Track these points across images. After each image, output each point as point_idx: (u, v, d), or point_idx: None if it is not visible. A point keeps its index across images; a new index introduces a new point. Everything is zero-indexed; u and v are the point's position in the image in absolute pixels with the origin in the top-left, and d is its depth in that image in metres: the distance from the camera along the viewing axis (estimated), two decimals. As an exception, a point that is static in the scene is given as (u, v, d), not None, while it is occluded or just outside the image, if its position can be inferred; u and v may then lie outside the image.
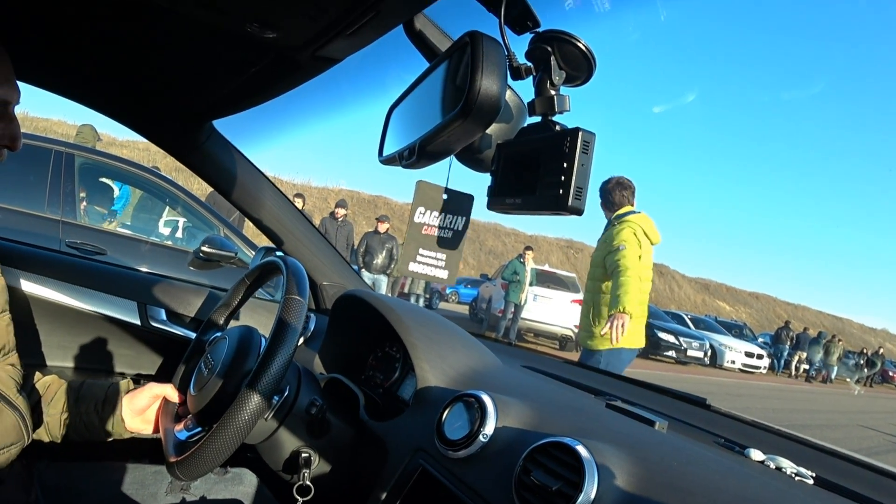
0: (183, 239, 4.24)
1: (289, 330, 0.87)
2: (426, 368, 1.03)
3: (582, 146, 0.51)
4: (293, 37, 0.67)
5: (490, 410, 0.84)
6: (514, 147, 0.62)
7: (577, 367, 1.54)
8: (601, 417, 0.93)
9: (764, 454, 0.96)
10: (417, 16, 0.63)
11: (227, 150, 1.33)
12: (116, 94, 1.14)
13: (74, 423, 1.08)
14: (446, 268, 0.78)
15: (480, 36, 0.53)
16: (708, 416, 1.22)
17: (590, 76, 0.58)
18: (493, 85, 0.51)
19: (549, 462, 0.72)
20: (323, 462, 1.02)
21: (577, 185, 0.51)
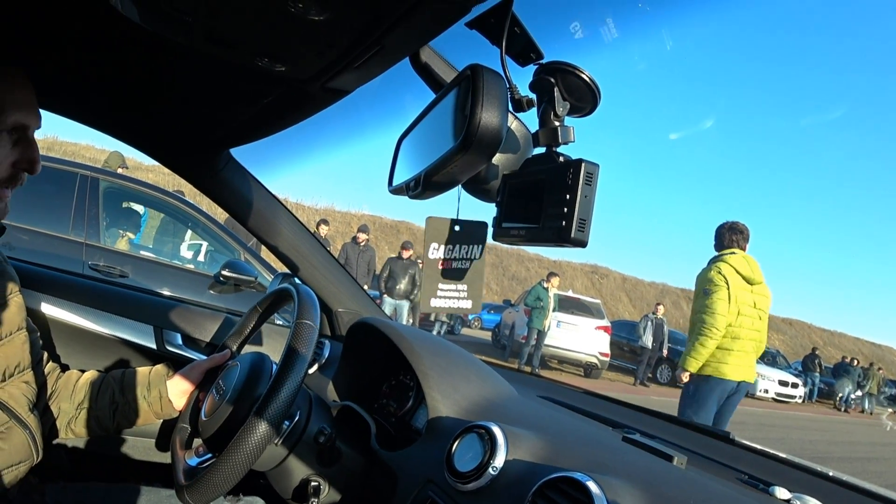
0: (205, 263, 4.31)
1: (298, 356, 0.86)
2: (437, 398, 1.01)
3: (585, 178, 0.51)
4: (302, 70, 0.68)
5: (500, 442, 0.82)
6: (518, 178, 0.61)
7: (595, 398, 1.50)
8: (616, 451, 0.90)
9: (790, 492, 0.92)
10: (423, 49, 0.64)
11: (244, 178, 1.36)
12: (135, 124, 1.17)
13: (124, 412, 1.13)
14: (469, 297, 0.77)
15: (481, 69, 0.53)
16: (732, 450, 1.18)
17: (595, 107, 0.58)
18: (493, 117, 0.50)
19: (558, 497, 0.69)
20: (333, 491, 1.01)
21: (580, 217, 0.50)
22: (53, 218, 3.33)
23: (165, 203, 3.96)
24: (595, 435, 0.99)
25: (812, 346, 26.01)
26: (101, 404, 1.13)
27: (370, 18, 0.52)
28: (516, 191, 0.61)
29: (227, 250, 4.06)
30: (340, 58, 0.62)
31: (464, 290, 0.75)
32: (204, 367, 1.17)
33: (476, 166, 0.56)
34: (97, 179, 3.58)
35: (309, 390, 1.12)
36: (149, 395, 1.14)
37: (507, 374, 1.53)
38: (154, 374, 1.17)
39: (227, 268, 3.31)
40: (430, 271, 0.73)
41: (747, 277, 3.38)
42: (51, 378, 1.13)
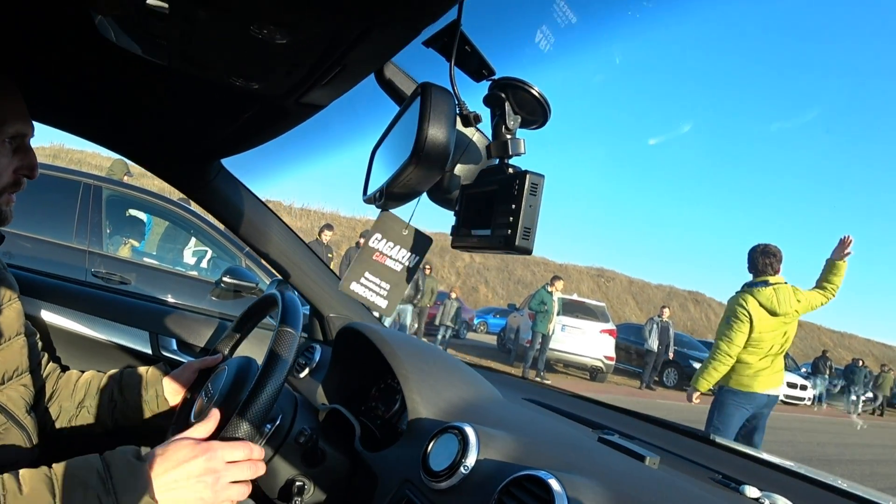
0: (208, 269, 4.36)
1: (279, 361, 0.89)
2: (417, 400, 1.04)
3: (530, 188, 0.54)
4: (274, 87, 0.71)
5: (472, 442, 0.85)
6: (474, 188, 0.64)
7: (582, 401, 1.52)
8: (589, 451, 0.93)
9: (760, 491, 0.94)
10: (387, 65, 0.67)
11: (235, 188, 1.39)
12: (127, 136, 1.21)
13: (122, 409, 1.17)
14: (387, 298, 0.79)
15: (430, 87, 0.56)
16: (711, 450, 1.20)
17: (546, 119, 0.60)
18: (439, 133, 0.53)
19: (522, 495, 0.72)
20: (318, 491, 1.04)
21: (524, 226, 0.53)
22: (57, 226, 3.40)
23: (169, 211, 4.02)
24: (571, 436, 1.01)
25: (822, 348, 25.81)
26: (100, 402, 1.17)
27: (328, 41, 0.55)
28: (472, 200, 0.63)
29: (229, 256, 4.11)
30: (308, 76, 0.65)
31: (386, 287, 0.78)
32: (195, 367, 1.20)
33: (429, 178, 0.59)
34: (100, 188, 3.64)
35: (296, 393, 1.15)
36: (146, 394, 1.17)
37: (495, 378, 1.55)
38: (151, 374, 1.20)
39: (227, 274, 3.35)
40: (364, 256, 0.76)
41: (772, 310, 3.53)
42: (51, 379, 1.17)
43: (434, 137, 0.53)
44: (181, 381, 1.19)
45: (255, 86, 0.71)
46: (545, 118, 0.60)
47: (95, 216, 3.53)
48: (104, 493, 0.68)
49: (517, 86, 0.58)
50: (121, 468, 0.71)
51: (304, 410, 1.09)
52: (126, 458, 0.73)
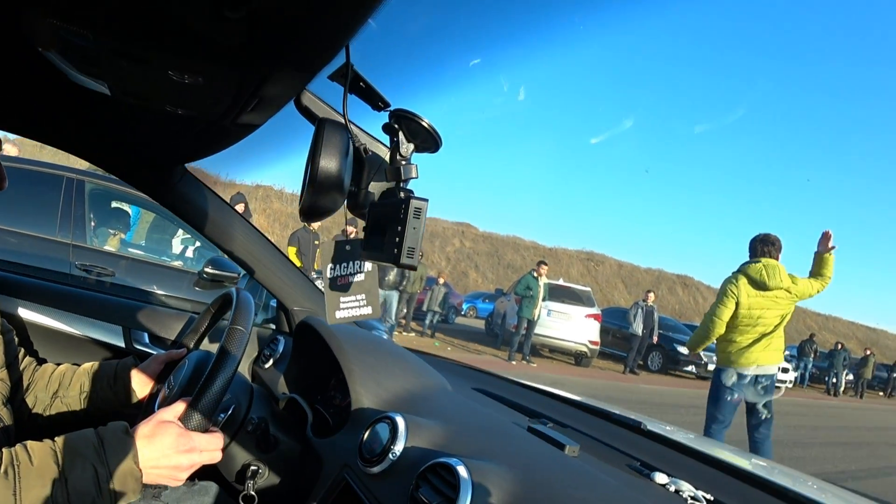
0: (193, 260, 4.41)
1: (228, 357, 0.96)
2: (361, 392, 1.13)
3: (413, 212, 0.62)
4: (208, 114, 0.79)
5: (401, 431, 0.94)
6: (377, 208, 0.73)
7: (529, 391, 1.62)
8: (513, 439, 1.02)
9: (668, 477, 1.03)
10: (303, 93, 0.74)
11: (199, 190, 1.46)
12: (93, 145, 1.28)
13: (93, 400, 1.24)
14: (368, 304, 0.88)
15: (325, 122, 0.64)
16: (638, 439, 1.29)
17: (438, 146, 0.69)
18: (331, 164, 0.62)
19: (435, 480, 0.81)
20: (272, 474, 1.13)
21: (409, 246, 0.61)
22: (40, 221, 3.44)
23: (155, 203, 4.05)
24: (501, 424, 1.10)
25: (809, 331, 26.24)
26: (71, 393, 1.24)
27: (238, 82, 0.63)
28: (376, 218, 0.72)
29: (213, 247, 4.17)
30: (233, 106, 0.73)
31: (362, 298, 0.86)
32: (161, 359, 1.28)
33: (331, 203, 0.67)
34: (83, 182, 3.67)
35: (252, 384, 1.23)
36: (115, 385, 1.25)
37: (449, 368, 1.65)
38: (120, 366, 1.28)
39: (210, 265, 3.42)
40: (330, 287, 0.84)
41: (761, 283, 3.71)
42: (28, 371, 1.25)
43: (326, 167, 0.62)
44: (148, 373, 1.26)
45: (191, 112, 0.79)
46: (436, 146, 0.69)
47: (79, 210, 3.57)
48: (98, 462, 0.78)
49: (409, 118, 0.66)
50: (113, 441, 0.81)
51: (260, 400, 1.18)
52: (117, 433, 0.83)
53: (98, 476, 0.77)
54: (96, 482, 0.77)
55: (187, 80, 0.62)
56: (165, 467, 0.84)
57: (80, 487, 0.76)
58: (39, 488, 0.73)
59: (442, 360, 1.81)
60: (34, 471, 0.74)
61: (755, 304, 3.73)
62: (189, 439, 0.86)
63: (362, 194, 0.76)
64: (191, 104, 0.74)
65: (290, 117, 1.02)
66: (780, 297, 3.74)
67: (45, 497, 0.73)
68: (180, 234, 4.74)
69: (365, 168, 0.75)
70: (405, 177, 0.68)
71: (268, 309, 1.93)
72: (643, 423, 1.33)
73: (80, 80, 0.75)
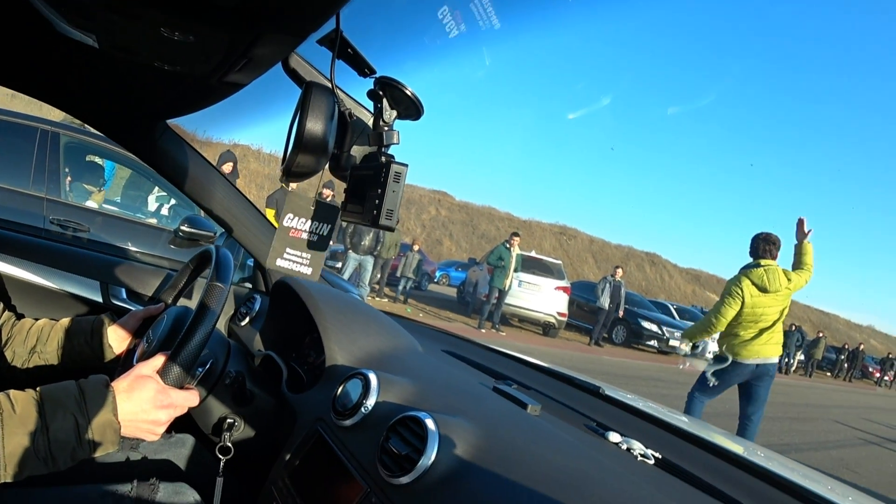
0: (169, 217, 4.35)
1: (207, 312, 0.99)
2: (335, 349, 1.18)
3: (393, 176, 0.66)
4: (195, 70, 0.80)
5: (373, 387, 0.99)
6: (358, 171, 0.76)
7: (497, 355, 1.68)
8: (479, 398, 1.08)
9: (622, 437, 1.11)
10: (291, 56, 0.76)
11: (181, 147, 1.46)
12: (76, 97, 1.27)
13: (70, 355, 1.26)
14: (310, 265, 0.92)
15: (312, 86, 0.67)
16: (597, 402, 1.37)
17: (420, 113, 0.73)
18: (316, 126, 0.65)
19: (404, 432, 0.87)
20: (247, 427, 1.17)
21: (387, 208, 0.65)
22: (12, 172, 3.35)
23: (132, 159, 3.97)
24: (467, 384, 1.16)
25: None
26: (49, 348, 1.25)
27: (228, 41, 0.65)
28: (357, 181, 0.75)
29: (189, 205, 4.12)
30: (221, 64, 0.74)
31: (307, 258, 0.90)
32: (139, 315, 1.30)
33: (315, 164, 0.70)
34: (58, 134, 3.57)
35: (229, 340, 1.27)
36: (91, 341, 1.26)
37: (420, 331, 1.70)
38: (97, 322, 1.29)
39: (185, 223, 3.38)
40: (281, 236, 0.87)
41: (763, 288, 4.04)
42: (6, 326, 1.25)
43: (312, 130, 0.65)
44: (126, 328, 1.28)
45: (178, 68, 0.80)
46: (419, 113, 0.72)
47: (53, 163, 3.47)
48: (79, 413, 0.81)
49: (393, 85, 0.70)
50: (93, 393, 0.84)
51: (237, 356, 1.21)
52: (97, 385, 0.85)
53: (78, 426, 0.80)
54: (76, 432, 0.80)
55: (178, 37, 0.63)
56: (143, 421, 0.87)
57: (60, 436, 0.79)
58: (21, 435, 0.76)
59: (414, 323, 1.86)
60: (16, 418, 0.77)
61: (758, 304, 4.06)
62: (167, 395, 0.89)
63: (344, 157, 0.79)
64: (179, 61, 0.75)
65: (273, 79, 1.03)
66: (780, 294, 4.06)
67: (27, 444, 0.76)
68: (156, 192, 4.67)
69: (348, 132, 0.78)
70: (387, 142, 0.71)
71: (244, 268, 1.95)
72: (602, 388, 1.41)
73: (67, 32, 0.75)
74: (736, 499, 0.95)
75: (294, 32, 0.63)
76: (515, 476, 0.79)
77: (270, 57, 0.72)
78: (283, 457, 1.07)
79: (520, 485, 0.78)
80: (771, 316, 4.10)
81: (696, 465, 1.10)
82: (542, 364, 1.62)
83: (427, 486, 0.80)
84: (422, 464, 0.81)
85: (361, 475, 0.88)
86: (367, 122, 0.79)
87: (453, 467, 0.81)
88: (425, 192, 32.46)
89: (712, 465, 1.13)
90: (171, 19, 0.62)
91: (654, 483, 0.93)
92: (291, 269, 0.89)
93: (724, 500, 0.95)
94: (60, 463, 0.80)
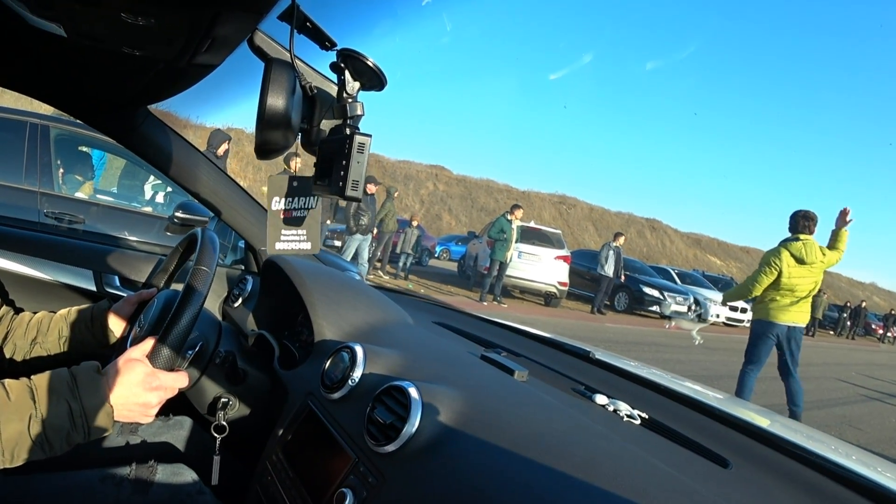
0: (164, 205, 4.35)
1: (193, 294, 1.00)
2: (323, 324, 1.19)
3: (357, 147, 0.66)
4: (163, 54, 0.80)
5: (360, 359, 1.01)
6: (326, 144, 0.76)
7: (489, 324, 1.70)
8: (466, 366, 1.10)
9: (608, 399, 1.13)
10: (256, 33, 0.75)
11: (163, 132, 1.46)
12: (55, 88, 1.26)
13: (72, 343, 1.28)
14: (308, 240, 0.92)
15: (272, 61, 0.66)
16: (587, 367, 1.39)
17: (383, 84, 0.73)
18: (277, 101, 0.65)
19: (389, 401, 0.88)
20: (242, 405, 1.20)
21: (353, 179, 0.66)
22: (5, 168, 3.35)
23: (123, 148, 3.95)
24: (455, 353, 1.18)
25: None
26: (50, 339, 1.27)
27: (189, 22, 0.65)
28: (325, 154, 0.76)
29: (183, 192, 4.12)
30: (187, 46, 0.74)
31: (303, 233, 0.91)
32: (133, 300, 1.31)
33: (283, 139, 0.70)
34: (48, 127, 3.55)
35: (220, 321, 1.28)
36: (92, 328, 1.28)
37: (412, 304, 1.72)
38: (97, 309, 1.31)
39: (180, 209, 3.40)
40: (273, 220, 0.88)
41: (800, 259, 4.48)
42: (5, 320, 1.27)
43: (273, 105, 0.65)
44: (122, 314, 1.30)
45: (146, 53, 0.80)
46: (381, 84, 0.72)
47: (45, 156, 3.47)
48: (72, 399, 0.83)
49: (354, 57, 0.69)
50: (84, 378, 0.86)
51: (228, 336, 1.23)
52: (89, 371, 0.88)
53: (72, 411, 0.83)
54: (70, 417, 0.82)
55: (140, 21, 0.64)
56: (135, 404, 0.89)
57: (55, 422, 0.81)
58: (17, 422, 0.78)
59: (408, 296, 1.88)
60: (12, 405, 0.79)
61: (794, 274, 4.52)
62: (156, 378, 0.91)
63: (314, 132, 0.79)
64: (145, 45, 0.75)
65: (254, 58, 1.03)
66: (815, 267, 4.52)
67: (23, 430, 0.79)
68: (151, 180, 4.66)
69: (317, 106, 0.78)
70: (351, 114, 0.72)
71: (236, 250, 1.96)
72: (592, 352, 1.42)
73: (37, 23, 0.75)
74: (722, 455, 0.97)
75: (251, 9, 0.63)
76: (499, 440, 0.81)
77: (234, 36, 0.72)
78: (276, 432, 1.10)
79: (503, 448, 0.80)
80: (805, 287, 4.53)
81: (684, 423, 1.12)
82: (532, 331, 1.63)
83: (412, 453, 0.83)
84: (406, 431, 0.83)
85: (350, 446, 0.91)
86: (333, 96, 0.78)
87: (438, 434, 0.83)
88: (422, 167, 32.29)
89: (701, 423, 1.15)
90: (129, 4, 0.62)
91: (638, 442, 0.95)
92: (291, 248, 0.90)
93: (710, 457, 0.97)
94: (57, 448, 0.83)
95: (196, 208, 3.49)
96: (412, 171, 31.15)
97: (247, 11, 0.64)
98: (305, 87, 0.72)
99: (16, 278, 1.60)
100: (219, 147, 6.57)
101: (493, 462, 0.77)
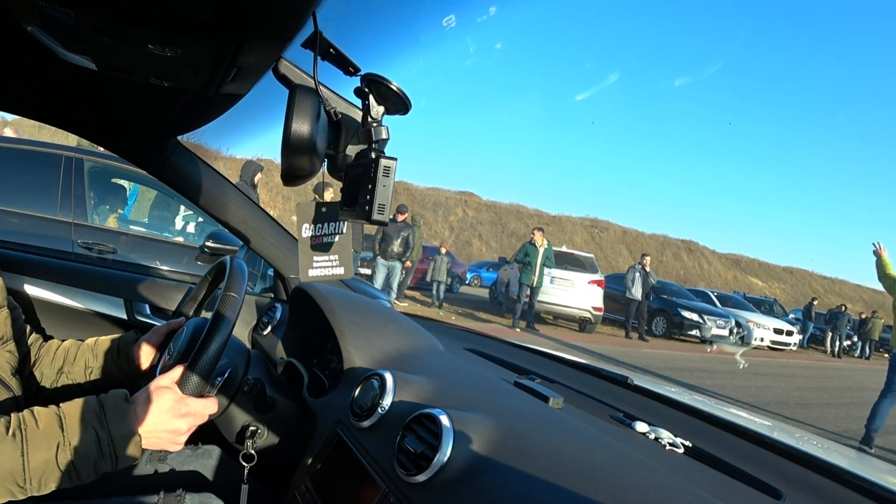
0: (195, 235, 4.45)
1: (222, 321, 1.00)
2: (352, 352, 1.18)
3: (383, 171, 0.65)
4: (191, 84, 0.81)
5: (389, 387, 0.98)
6: (353, 168, 0.76)
7: (522, 350, 1.66)
8: (498, 393, 1.06)
9: (649, 426, 1.08)
10: (281, 62, 0.76)
11: (193, 162, 1.49)
12: (87, 120, 1.30)
13: (97, 374, 1.28)
14: (341, 265, 0.91)
15: (296, 88, 0.66)
16: (625, 393, 1.34)
17: (407, 108, 0.72)
18: (302, 128, 0.65)
19: (420, 430, 0.85)
20: (270, 434, 1.18)
21: (379, 203, 0.65)
22: (41, 200, 3.47)
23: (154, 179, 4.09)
24: (487, 380, 1.14)
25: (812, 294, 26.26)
26: (76, 368, 1.28)
27: (214, 53, 0.65)
28: (351, 179, 0.75)
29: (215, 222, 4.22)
30: (213, 76, 0.75)
31: (335, 259, 0.90)
32: (162, 331, 1.32)
33: (308, 166, 0.69)
34: (81, 160, 3.69)
35: (249, 348, 1.28)
36: (118, 359, 1.29)
37: (443, 330, 1.69)
38: (123, 340, 1.32)
39: (210, 238, 3.47)
40: (304, 248, 0.88)
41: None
42: (34, 347, 1.29)
43: (297, 132, 0.65)
44: (151, 343, 1.30)
45: (174, 84, 0.81)
46: (406, 108, 0.72)
47: (79, 188, 3.59)
48: (99, 427, 0.83)
49: (378, 81, 0.69)
50: (113, 407, 0.86)
51: (257, 364, 1.22)
52: (117, 399, 0.88)
53: (99, 440, 0.82)
54: (98, 445, 0.82)
55: (168, 52, 0.65)
56: (164, 431, 0.89)
57: (82, 450, 0.81)
58: (45, 450, 0.78)
59: (439, 323, 1.85)
60: (40, 433, 0.79)
61: None
62: (185, 404, 0.90)
63: (340, 157, 0.78)
64: (173, 76, 0.77)
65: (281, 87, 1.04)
66: None
67: (51, 458, 0.78)
68: (182, 211, 4.79)
69: (342, 132, 0.78)
70: (376, 138, 0.71)
71: (265, 278, 1.97)
72: (630, 378, 1.37)
73: (68, 57, 0.77)
74: (771, 485, 0.91)
75: (274, 38, 0.64)
76: (533, 470, 0.77)
77: (259, 64, 0.73)
78: (305, 461, 1.08)
79: (538, 478, 0.76)
80: None
81: (731, 452, 1.05)
82: (567, 357, 1.59)
83: (444, 483, 0.79)
84: (437, 461, 0.80)
85: (380, 475, 0.88)
86: (359, 121, 0.78)
87: (470, 463, 0.80)
88: (451, 193, 32.48)
89: (749, 452, 1.08)
90: (155, 36, 0.63)
91: (682, 472, 0.90)
92: (324, 275, 0.90)
93: (762, 487, 0.91)
94: (84, 476, 0.82)
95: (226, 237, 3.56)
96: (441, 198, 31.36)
97: (270, 40, 0.64)
98: (330, 113, 0.72)
99: (50, 306, 1.63)
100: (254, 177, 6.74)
101: (527, 493, 0.74)
